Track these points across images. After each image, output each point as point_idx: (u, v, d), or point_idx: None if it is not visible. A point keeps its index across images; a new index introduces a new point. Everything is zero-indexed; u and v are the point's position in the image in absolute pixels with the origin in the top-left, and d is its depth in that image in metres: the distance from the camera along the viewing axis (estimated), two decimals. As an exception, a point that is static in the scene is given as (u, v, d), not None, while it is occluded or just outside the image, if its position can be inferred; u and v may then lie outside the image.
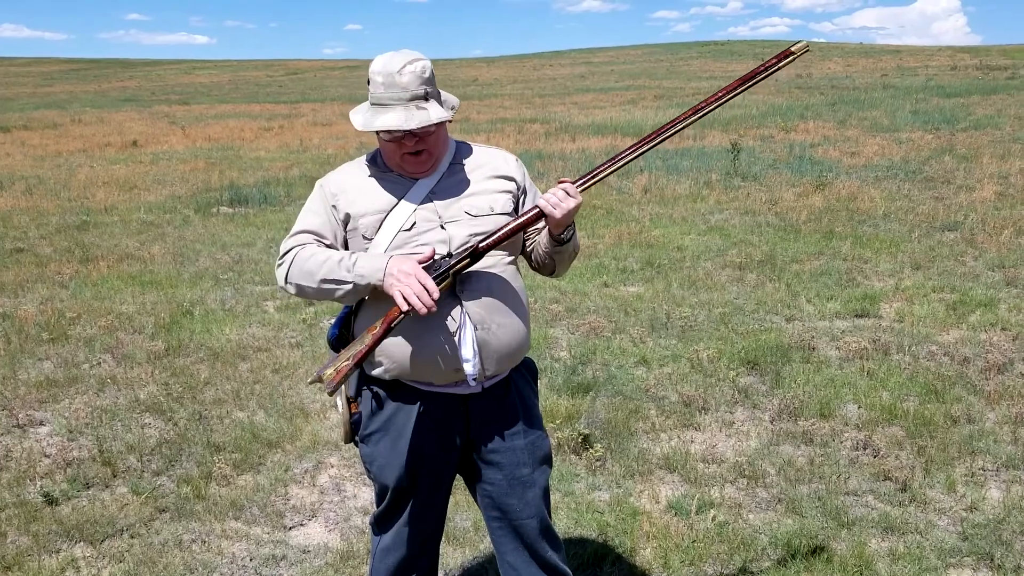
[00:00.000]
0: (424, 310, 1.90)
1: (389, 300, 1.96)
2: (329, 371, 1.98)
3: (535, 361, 2.37)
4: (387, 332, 1.99)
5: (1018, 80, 30.18)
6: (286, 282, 2.07)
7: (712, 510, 3.33)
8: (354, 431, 2.22)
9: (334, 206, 2.13)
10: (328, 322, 5.88)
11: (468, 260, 2.01)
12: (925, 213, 8.82)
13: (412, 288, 1.90)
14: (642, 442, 3.97)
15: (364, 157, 2.22)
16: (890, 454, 3.73)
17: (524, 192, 2.23)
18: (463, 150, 2.24)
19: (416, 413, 2.14)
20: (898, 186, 10.53)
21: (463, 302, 2.06)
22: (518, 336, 2.14)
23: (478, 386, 2.13)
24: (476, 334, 2.06)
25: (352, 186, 2.14)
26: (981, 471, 3.56)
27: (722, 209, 9.61)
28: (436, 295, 1.91)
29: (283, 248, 2.12)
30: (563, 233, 2.12)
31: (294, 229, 2.15)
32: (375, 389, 2.17)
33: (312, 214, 2.15)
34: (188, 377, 4.95)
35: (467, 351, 2.06)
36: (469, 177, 2.17)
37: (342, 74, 67.78)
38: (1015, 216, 8.41)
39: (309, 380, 2.21)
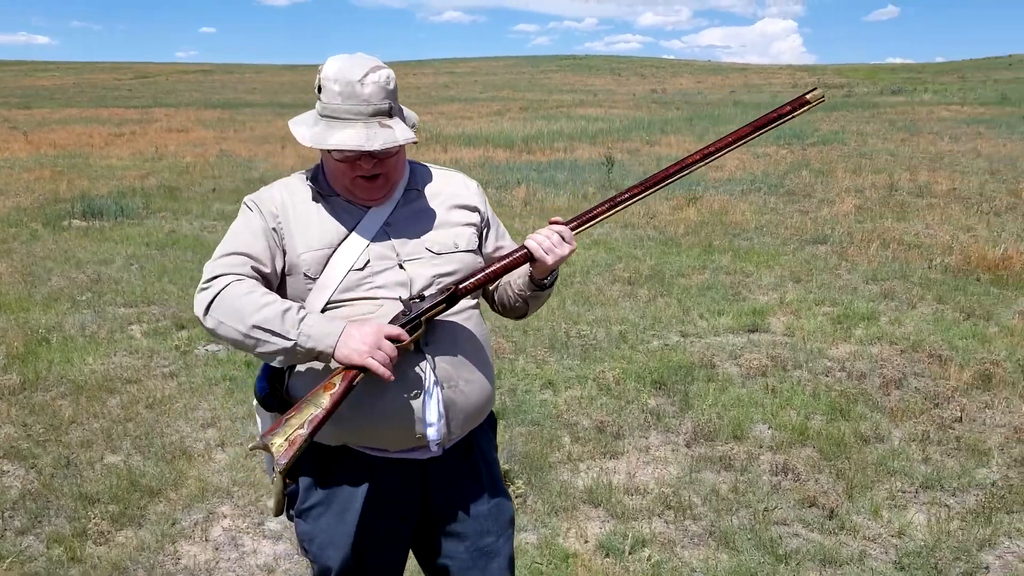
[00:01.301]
0: (388, 375, 1.64)
1: None
2: (278, 441, 1.58)
3: None
4: (348, 391, 1.63)
5: (855, 98, 32.25)
6: (206, 314, 1.67)
7: (645, 548, 3.18)
8: (288, 504, 1.87)
9: (275, 229, 1.77)
10: (205, 349, 5.41)
11: (444, 305, 1.73)
12: (794, 226, 9.11)
13: (377, 358, 1.64)
14: (562, 474, 3.79)
15: (302, 175, 1.87)
16: (810, 478, 3.70)
17: (487, 224, 1.98)
18: (420, 173, 1.94)
19: (365, 484, 1.82)
20: (764, 199, 10.87)
21: (428, 356, 1.77)
22: (485, 393, 1.88)
23: (439, 450, 1.84)
24: (442, 393, 1.77)
25: (291, 211, 1.79)
26: (901, 493, 3.56)
27: (602, 223, 9.60)
28: (394, 355, 1.66)
29: (210, 271, 1.71)
30: (546, 278, 1.89)
31: (224, 249, 1.75)
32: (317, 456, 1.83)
33: (249, 235, 1.76)
34: (50, 416, 4.40)
35: (431, 414, 1.76)
36: (428, 206, 1.88)
37: (196, 78, 65.06)
38: (878, 229, 8.79)
39: (250, 447, 1.77)
